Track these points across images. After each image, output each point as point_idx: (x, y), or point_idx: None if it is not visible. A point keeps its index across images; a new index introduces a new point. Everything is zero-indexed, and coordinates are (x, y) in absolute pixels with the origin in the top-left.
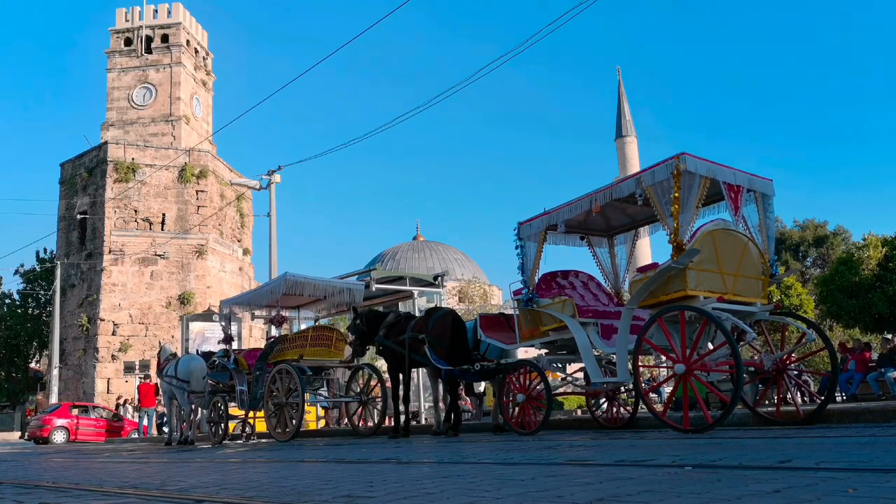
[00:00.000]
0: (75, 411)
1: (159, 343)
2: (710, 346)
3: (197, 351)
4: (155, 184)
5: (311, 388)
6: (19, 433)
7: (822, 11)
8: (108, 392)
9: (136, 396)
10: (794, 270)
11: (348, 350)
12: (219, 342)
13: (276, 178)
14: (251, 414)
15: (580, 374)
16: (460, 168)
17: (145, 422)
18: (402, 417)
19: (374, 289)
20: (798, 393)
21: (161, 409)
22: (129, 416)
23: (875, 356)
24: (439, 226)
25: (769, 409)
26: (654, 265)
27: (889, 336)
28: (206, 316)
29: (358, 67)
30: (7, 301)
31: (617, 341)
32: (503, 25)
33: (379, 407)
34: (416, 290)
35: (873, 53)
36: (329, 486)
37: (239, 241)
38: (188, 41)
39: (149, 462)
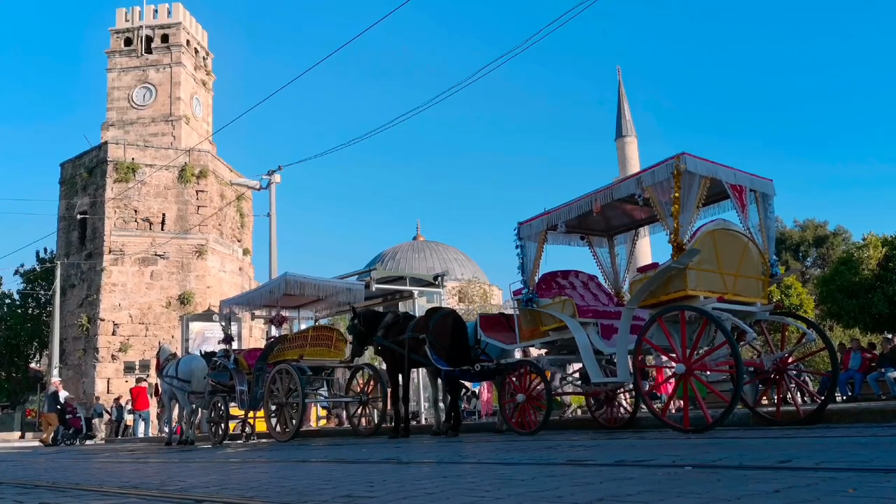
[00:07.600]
0: None
1: (159, 343)
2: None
3: (200, 352)
4: (155, 184)
5: (311, 388)
6: (19, 433)
7: (822, 11)
8: (108, 392)
9: (130, 399)
10: (795, 270)
11: (348, 350)
12: (219, 342)
13: (276, 178)
14: (251, 414)
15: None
16: (460, 168)
17: (141, 425)
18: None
19: (374, 289)
20: (798, 393)
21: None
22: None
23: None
24: (439, 226)
25: (769, 409)
26: (654, 265)
27: (889, 336)
28: (206, 316)
29: (358, 67)
30: (7, 301)
31: (617, 341)
32: (503, 25)
33: (379, 407)
34: (416, 290)
35: (873, 53)
36: (329, 486)
37: (239, 241)
38: (188, 41)
39: (149, 462)
